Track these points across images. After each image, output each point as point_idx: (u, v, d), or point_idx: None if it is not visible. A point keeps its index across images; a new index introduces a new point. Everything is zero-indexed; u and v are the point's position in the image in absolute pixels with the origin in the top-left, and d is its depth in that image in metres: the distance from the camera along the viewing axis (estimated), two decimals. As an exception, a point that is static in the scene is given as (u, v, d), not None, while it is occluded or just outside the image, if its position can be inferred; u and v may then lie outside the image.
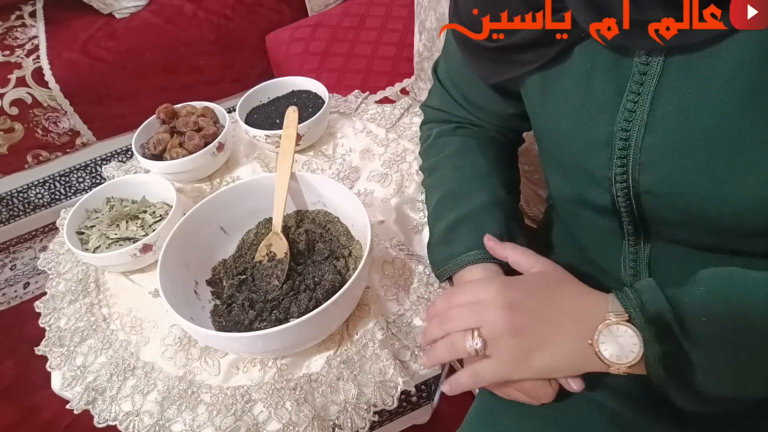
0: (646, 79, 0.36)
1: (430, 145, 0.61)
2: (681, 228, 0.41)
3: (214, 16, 1.48)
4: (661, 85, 0.36)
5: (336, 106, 0.87)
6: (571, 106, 0.42)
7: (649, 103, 0.37)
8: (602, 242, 0.50)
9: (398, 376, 0.51)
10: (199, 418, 0.51)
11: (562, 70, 0.42)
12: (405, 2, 1.36)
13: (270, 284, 0.57)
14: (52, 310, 0.63)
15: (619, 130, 0.39)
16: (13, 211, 1.46)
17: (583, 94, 0.41)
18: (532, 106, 0.47)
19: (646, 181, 0.39)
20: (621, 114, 0.38)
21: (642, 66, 0.36)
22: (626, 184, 0.40)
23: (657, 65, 0.36)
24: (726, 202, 0.35)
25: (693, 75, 0.34)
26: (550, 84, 0.43)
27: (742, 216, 0.35)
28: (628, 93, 0.38)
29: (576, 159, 0.44)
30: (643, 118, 0.37)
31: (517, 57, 0.43)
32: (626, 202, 0.41)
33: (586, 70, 0.40)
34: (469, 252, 0.50)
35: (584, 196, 0.46)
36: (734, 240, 0.39)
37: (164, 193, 0.69)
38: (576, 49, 0.40)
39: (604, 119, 0.39)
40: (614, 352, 0.37)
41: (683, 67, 0.35)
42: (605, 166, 0.41)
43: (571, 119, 0.42)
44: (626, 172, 0.39)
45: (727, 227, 0.37)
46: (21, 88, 1.29)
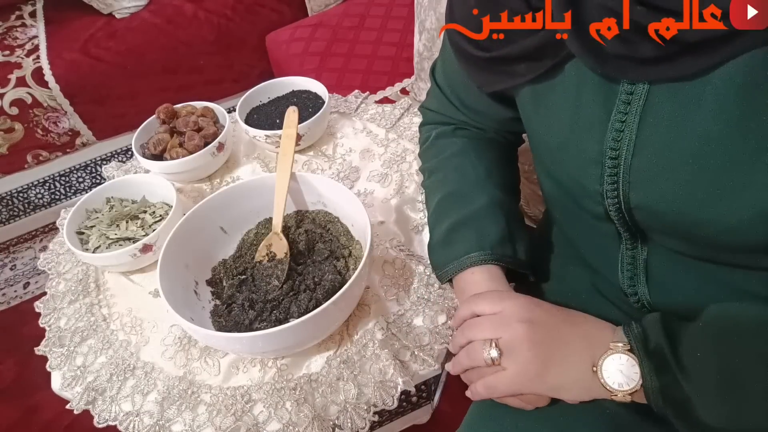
0: (633, 99, 0.37)
1: (429, 146, 0.61)
2: (674, 241, 0.42)
3: (214, 16, 1.48)
4: (648, 106, 0.36)
5: (336, 106, 0.87)
6: (562, 120, 0.42)
7: (637, 123, 0.37)
8: (599, 246, 0.50)
9: (398, 376, 0.51)
10: (199, 419, 0.51)
11: (554, 85, 0.42)
12: (405, 2, 1.36)
13: (270, 284, 0.57)
14: (52, 310, 0.63)
15: (608, 149, 0.39)
16: (13, 211, 1.46)
17: (573, 109, 0.41)
18: (525, 115, 0.48)
19: (636, 198, 0.40)
20: (609, 133, 0.39)
21: (629, 86, 0.37)
22: (617, 200, 0.41)
23: (643, 88, 0.36)
24: (715, 222, 0.36)
25: (679, 99, 0.35)
26: (542, 97, 0.43)
27: (732, 234, 0.36)
28: (615, 113, 0.38)
29: (568, 171, 0.44)
30: (632, 138, 0.37)
31: (509, 69, 0.44)
32: (619, 214, 0.42)
33: (576, 86, 0.40)
34: (470, 254, 0.50)
35: (577, 203, 0.46)
36: (726, 254, 0.40)
37: (164, 193, 0.69)
38: (567, 66, 0.40)
39: (593, 137, 0.40)
40: (616, 379, 0.39)
41: (670, 90, 0.35)
42: (596, 181, 0.41)
43: (562, 133, 0.42)
44: (617, 189, 0.40)
45: (718, 243, 0.38)
46: (21, 88, 1.29)
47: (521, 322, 0.42)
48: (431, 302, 0.57)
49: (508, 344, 0.42)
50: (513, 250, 0.52)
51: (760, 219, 0.33)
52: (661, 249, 0.44)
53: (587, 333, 0.42)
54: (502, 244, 0.51)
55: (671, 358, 0.38)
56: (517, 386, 0.42)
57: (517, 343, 0.42)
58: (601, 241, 0.48)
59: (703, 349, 0.37)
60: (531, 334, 0.42)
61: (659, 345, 0.39)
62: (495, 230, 0.51)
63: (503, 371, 0.42)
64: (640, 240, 0.45)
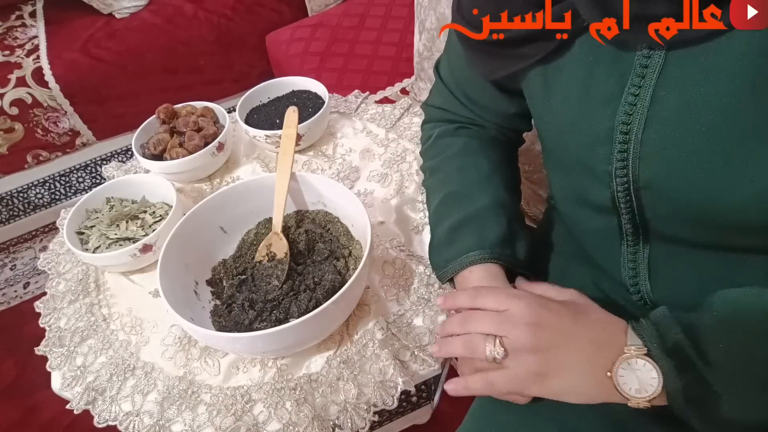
0: (647, 72, 0.36)
1: (431, 145, 0.61)
2: (681, 224, 0.41)
3: (214, 16, 1.48)
4: (662, 78, 0.36)
5: (336, 106, 0.87)
6: (572, 100, 0.42)
7: (650, 96, 0.37)
8: (601, 243, 0.50)
9: (398, 376, 0.51)
10: (199, 419, 0.51)
11: (564, 64, 0.42)
12: (405, 2, 1.36)
13: (270, 284, 0.57)
14: (52, 310, 0.63)
15: (619, 123, 0.39)
16: (13, 211, 1.46)
17: (584, 88, 0.41)
18: (533, 100, 0.47)
19: (645, 175, 0.39)
20: (622, 107, 0.38)
21: (644, 59, 0.36)
22: (626, 179, 0.40)
23: (659, 58, 0.36)
24: (726, 196, 0.35)
25: (694, 69, 0.34)
26: (551, 78, 0.43)
27: (743, 210, 0.35)
28: (629, 86, 0.38)
29: (576, 154, 0.44)
30: (644, 112, 0.37)
31: (517, 51, 0.43)
32: (626, 197, 0.41)
33: (587, 63, 0.40)
34: (471, 252, 0.50)
35: (584, 194, 0.46)
36: (735, 236, 0.39)
37: (164, 193, 0.69)
38: (577, 43, 0.40)
39: (605, 113, 0.39)
40: (633, 385, 0.38)
41: (685, 61, 0.35)
42: (605, 161, 0.41)
43: (572, 113, 0.42)
44: (626, 166, 0.39)
45: (727, 222, 0.37)
46: (21, 88, 1.29)
47: (528, 324, 0.40)
48: (431, 302, 0.57)
49: (512, 345, 0.41)
50: (512, 249, 0.52)
51: None
52: (663, 244, 0.44)
53: (598, 337, 0.40)
54: (502, 244, 0.51)
55: (693, 353, 0.36)
56: (518, 387, 0.41)
57: (521, 346, 0.40)
58: (604, 237, 0.48)
59: (725, 340, 0.36)
60: (538, 339, 0.40)
61: (678, 342, 0.37)
62: (496, 230, 0.51)
63: (505, 370, 0.41)
64: (642, 235, 0.45)
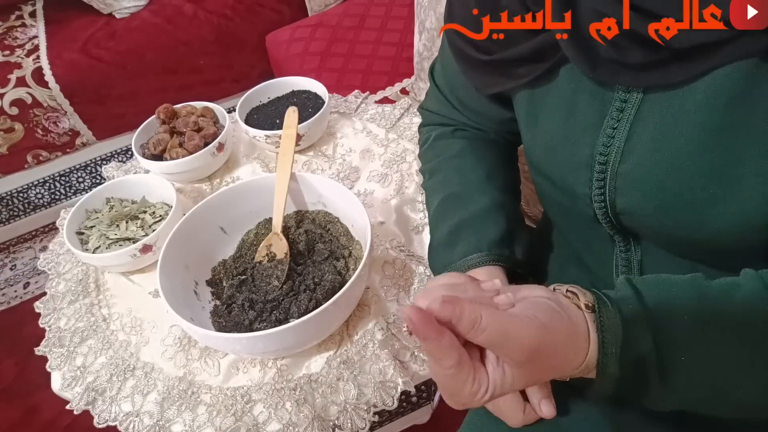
0: (626, 106, 0.38)
1: (429, 147, 0.61)
2: (663, 243, 0.42)
3: (214, 16, 1.47)
4: (639, 114, 0.37)
5: (336, 106, 0.87)
6: (557, 124, 0.43)
7: (627, 131, 0.38)
8: (594, 247, 0.50)
9: (398, 377, 0.51)
10: (199, 419, 0.51)
11: (550, 89, 0.42)
12: (405, 2, 1.36)
13: (270, 285, 0.57)
14: (52, 310, 0.63)
15: (597, 154, 0.40)
16: (13, 211, 1.46)
17: (567, 114, 0.41)
18: (520, 117, 0.48)
19: (622, 204, 0.40)
20: (600, 138, 0.39)
21: (623, 94, 0.37)
22: (604, 204, 0.41)
23: (636, 97, 0.37)
24: (697, 230, 0.36)
25: (666, 108, 0.35)
26: (538, 101, 0.44)
27: (716, 241, 0.36)
28: (608, 119, 0.39)
29: (559, 174, 0.45)
30: (620, 145, 0.38)
31: (508, 71, 0.44)
32: (606, 218, 0.42)
33: (571, 91, 0.41)
34: (471, 255, 0.50)
35: (570, 208, 0.46)
36: (713, 257, 0.40)
37: (164, 193, 0.69)
38: (562, 70, 0.41)
39: (585, 140, 0.40)
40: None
41: (660, 100, 0.36)
42: (585, 185, 0.42)
43: (556, 137, 0.43)
44: (604, 194, 0.41)
45: (703, 248, 0.38)
46: (21, 88, 1.29)
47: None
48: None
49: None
50: (511, 250, 0.52)
51: (742, 228, 0.34)
52: (654, 250, 0.44)
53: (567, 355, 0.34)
54: (500, 245, 0.51)
55: (655, 372, 0.33)
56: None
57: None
58: (595, 242, 0.48)
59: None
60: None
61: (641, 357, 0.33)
62: (495, 231, 0.51)
63: None
64: (633, 242, 0.45)
